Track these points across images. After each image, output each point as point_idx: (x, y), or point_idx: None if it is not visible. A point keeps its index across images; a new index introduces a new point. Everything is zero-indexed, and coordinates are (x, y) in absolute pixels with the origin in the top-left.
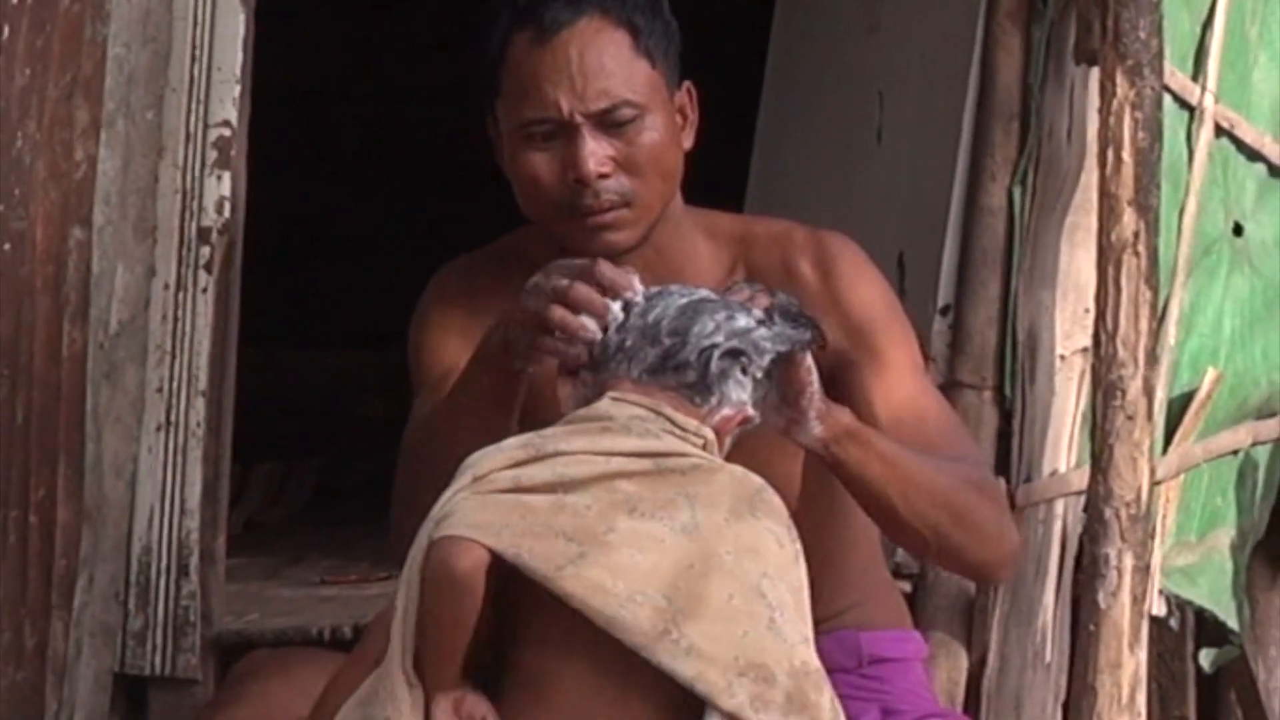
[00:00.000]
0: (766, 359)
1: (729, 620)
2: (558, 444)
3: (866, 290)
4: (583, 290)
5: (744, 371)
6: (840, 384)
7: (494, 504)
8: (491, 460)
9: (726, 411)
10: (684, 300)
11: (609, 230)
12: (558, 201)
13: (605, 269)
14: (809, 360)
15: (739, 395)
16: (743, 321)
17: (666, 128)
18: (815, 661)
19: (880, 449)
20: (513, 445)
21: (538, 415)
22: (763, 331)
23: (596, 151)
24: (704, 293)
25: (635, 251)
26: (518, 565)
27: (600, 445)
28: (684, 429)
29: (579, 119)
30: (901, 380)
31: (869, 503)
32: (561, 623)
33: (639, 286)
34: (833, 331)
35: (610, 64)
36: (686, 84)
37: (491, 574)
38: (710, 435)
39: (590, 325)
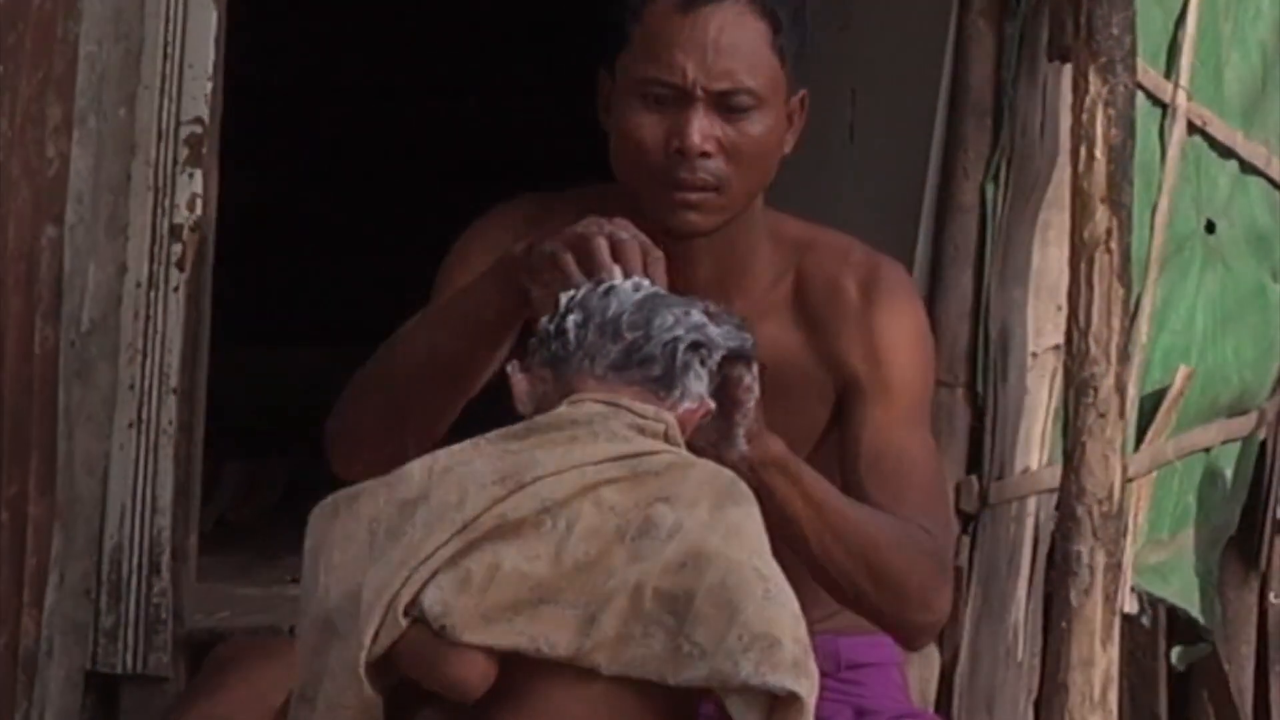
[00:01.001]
0: (718, 354)
1: (726, 603)
2: (534, 470)
3: (901, 326)
4: (634, 248)
5: (702, 364)
6: (845, 407)
7: (495, 580)
8: (474, 501)
9: (689, 404)
10: (639, 295)
11: (693, 210)
12: (653, 168)
13: (659, 257)
14: (749, 378)
15: (698, 388)
16: (696, 316)
17: (776, 127)
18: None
19: (807, 487)
20: (488, 478)
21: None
22: (714, 328)
23: (705, 128)
24: (655, 288)
25: (709, 238)
26: (540, 658)
27: (573, 458)
28: (644, 416)
29: (699, 93)
30: (899, 421)
31: (786, 536)
32: None
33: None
34: (855, 353)
35: (744, 49)
36: (802, 91)
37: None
38: (671, 419)
39: (616, 275)
